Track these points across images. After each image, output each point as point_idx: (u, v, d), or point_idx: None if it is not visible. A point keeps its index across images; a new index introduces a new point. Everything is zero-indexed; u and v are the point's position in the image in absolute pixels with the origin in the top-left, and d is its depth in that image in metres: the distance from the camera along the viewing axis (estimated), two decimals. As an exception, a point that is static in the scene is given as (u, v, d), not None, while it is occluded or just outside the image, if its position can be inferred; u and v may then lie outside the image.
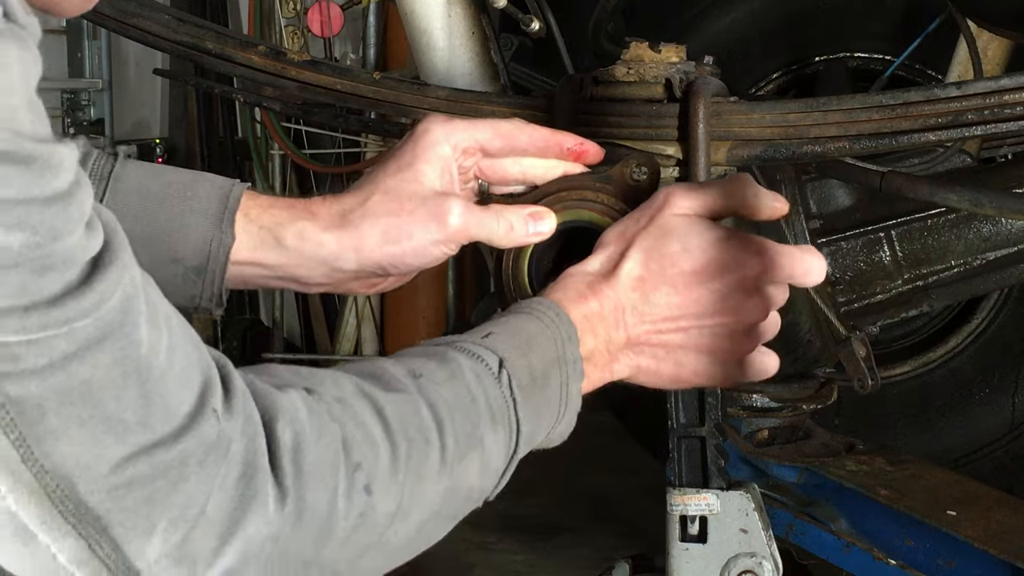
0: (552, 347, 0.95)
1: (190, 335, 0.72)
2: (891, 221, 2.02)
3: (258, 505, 0.72)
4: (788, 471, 1.78)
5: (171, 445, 0.68)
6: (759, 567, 1.25)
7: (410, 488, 0.82)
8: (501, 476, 0.91)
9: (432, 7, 1.61)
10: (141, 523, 0.67)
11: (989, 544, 1.58)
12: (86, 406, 0.65)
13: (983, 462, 2.33)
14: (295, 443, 0.75)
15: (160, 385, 0.68)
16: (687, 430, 1.27)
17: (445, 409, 0.85)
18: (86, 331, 0.64)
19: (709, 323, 1.01)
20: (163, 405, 0.68)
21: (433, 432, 0.84)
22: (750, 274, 1.01)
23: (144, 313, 0.68)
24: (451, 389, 0.87)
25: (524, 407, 0.91)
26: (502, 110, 1.39)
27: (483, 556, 2.58)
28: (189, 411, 0.69)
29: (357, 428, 0.79)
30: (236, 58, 1.46)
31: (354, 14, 3.41)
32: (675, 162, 1.22)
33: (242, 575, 0.72)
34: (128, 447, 0.66)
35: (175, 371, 0.69)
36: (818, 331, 1.78)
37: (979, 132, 1.25)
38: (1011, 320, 2.37)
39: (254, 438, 0.72)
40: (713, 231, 1.02)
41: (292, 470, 0.74)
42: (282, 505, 0.73)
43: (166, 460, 0.67)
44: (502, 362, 0.91)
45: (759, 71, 2.46)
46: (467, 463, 0.87)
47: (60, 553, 0.67)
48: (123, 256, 0.68)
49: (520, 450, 0.92)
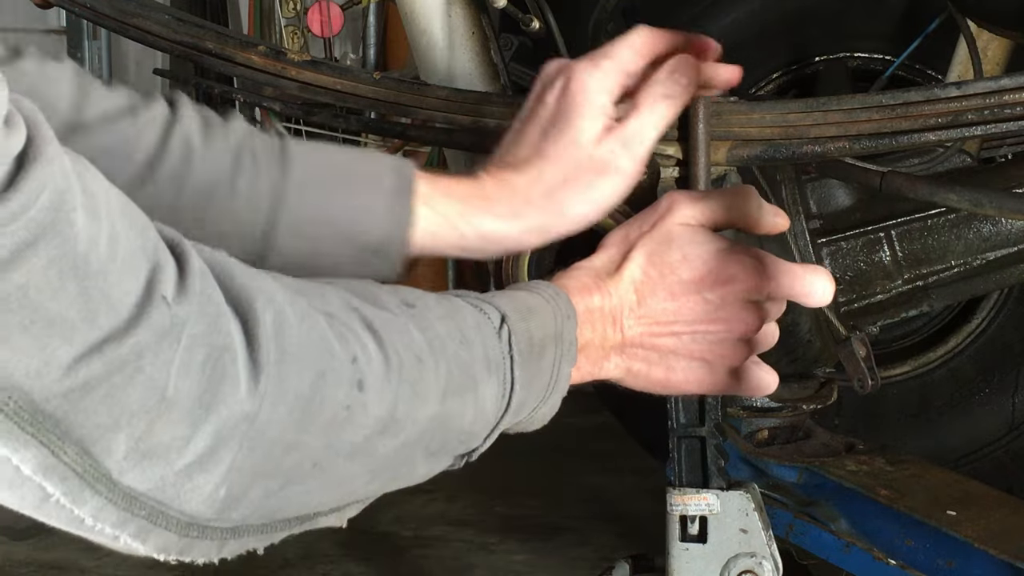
0: (552, 321, 0.94)
1: (134, 219, 0.68)
2: (891, 221, 2.02)
3: (228, 386, 0.68)
4: (788, 471, 1.78)
5: (122, 339, 0.64)
6: (759, 567, 1.25)
7: (405, 399, 0.79)
8: (487, 435, 0.89)
9: (432, 7, 1.61)
10: (102, 421, 0.64)
11: (989, 544, 1.57)
12: (26, 311, 0.61)
13: (983, 462, 2.33)
14: (276, 321, 0.71)
15: (101, 279, 0.64)
16: (687, 430, 1.27)
17: (438, 340, 0.83)
18: (16, 235, 0.61)
19: (701, 330, 1.01)
20: (106, 299, 0.64)
21: (427, 355, 0.81)
22: (747, 287, 1.02)
23: (80, 205, 0.64)
24: (447, 326, 0.85)
25: (520, 368, 0.89)
26: (502, 110, 1.39)
27: (484, 556, 2.58)
28: (136, 301, 0.65)
29: (348, 332, 0.77)
30: (236, 58, 1.46)
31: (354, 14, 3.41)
32: (675, 162, 1.22)
33: (217, 458, 0.69)
34: (76, 347, 0.63)
35: (117, 262, 0.65)
36: (818, 331, 1.77)
37: (979, 132, 1.25)
38: (1011, 320, 2.37)
39: (216, 318, 0.69)
40: (714, 242, 1.03)
41: (274, 348, 0.71)
42: (256, 383, 0.69)
43: (119, 355, 0.64)
44: (504, 318, 0.89)
45: (759, 71, 2.46)
46: (462, 400, 0.84)
47: (23, 464, 0.64)
48: (48, 149, 0.63)
49: (509, 412, 0.89)
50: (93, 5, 1.46)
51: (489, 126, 1.40)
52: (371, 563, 2.55)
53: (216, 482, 0.69)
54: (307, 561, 2.51)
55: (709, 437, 1.26)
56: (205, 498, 0.70)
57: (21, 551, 2.61)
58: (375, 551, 2.59)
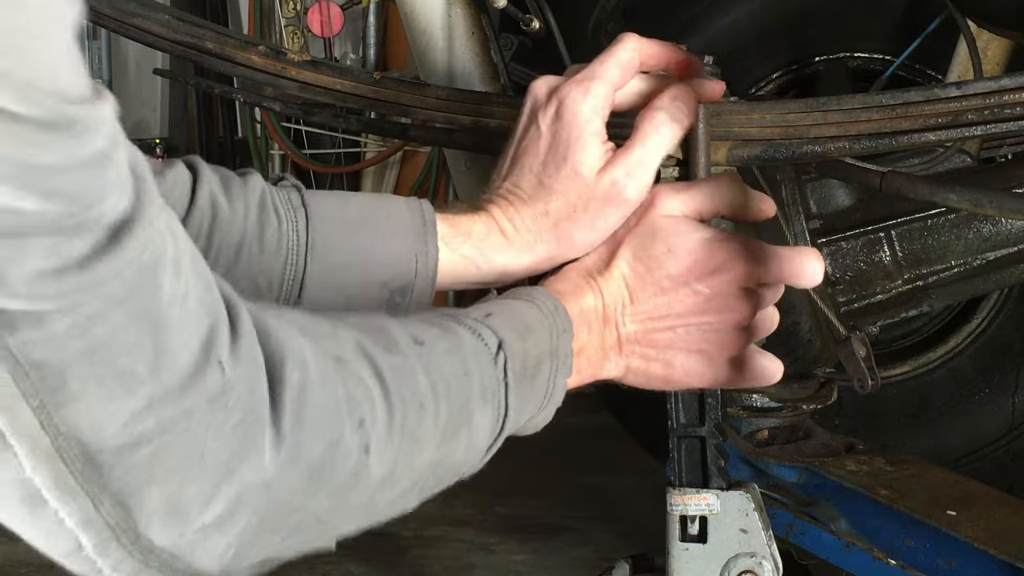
0: (547, 338, 0.95)
1: (204, 275, 0.69)
2: (891, 221, 2.03)
3: (255, 452, 0.70)
4: (788, 471, 1.78)
5: (177, 400, 0.65)
6: (759, 567, 1.25)
7: (404, 455, 0.81)
8: (482, 457, 0.91)
9: (432, 7, 1.61)
10: (142, 476, 0.65)
11: (989, 544, 1.57)
12: (105, 366, 0.63)
13: (983, 462, 2.33)
14: (301, 386, 0.73)
15: (175, 336, 0.65)
16: (687, 430, 1.27)
17: (442, 381, 0.84)
18: (113, 292, 0.62)
19: (695, 321, 1.01)
20: (173, 357, 0.65)
21: (429, 401, 0.83)
22: (736, 275, 1.02)
23: (170, 265, 0.65)
24: (450, 362, 0.86)
25: (514, 393, 0.90)
26: (502, 110, 1.39)
27: (484, 557, 2.58)
28: (195, 360, 0.66)
29: (357, 386, 0.78)
30: (236, 58, 1.46)
31: (354, 14, 3.41)
32: (675, 162, 1.22)
33: (233, 521, 0.70)
34: (138, 400, 0.64)
35: (188, 321, 0.66)
36: (818, 331, 1.78)
37: (979, 132, 1.25)
38: (1011, 320, 2.37)
39: (257, 384, 0.70)
40: (699, 232, 1.03)
41: (294, 414, 0.72)
42: (278, 452, 0.71)
43: (173, 415, 0.65)
44: (501, 344, 0.90)
45: (759, 71, 2.46)
46: (457, 438, 0.86)
47: (68, 517, 0.65)
48: (151, 209, 0.64)
49: (503, 434, 0.91)
50: (93, 5, 1.45)
51: (489, 126, 1.40)
52: (371, 563, 2.55)
53: (228, 542, 0.71)
54: (307, 561, 2.50)
55: (709, 437, 1.26)
56: (216, 557, 0.71)
57: (21, 551, 2.60)
58: (375, 551, 2.58)
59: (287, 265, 1.04)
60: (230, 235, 1.02)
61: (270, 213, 1.04)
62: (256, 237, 1.03)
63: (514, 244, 1.06)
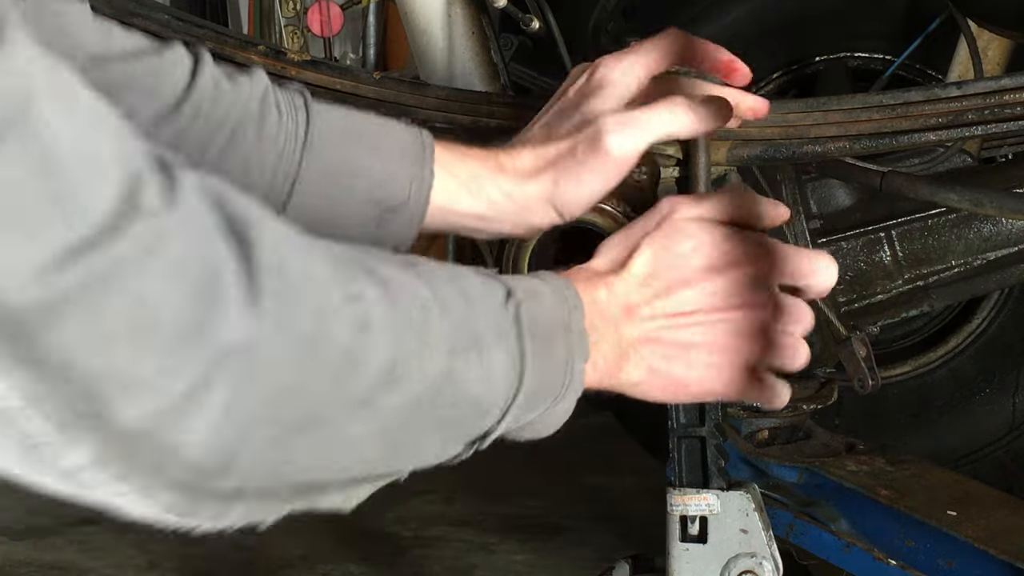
0: (558, 309, 0.91)
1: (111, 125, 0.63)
2: (891, 221, 2.02)
3: (220, 311, 0.63)
4: (788, 471, 1.78)
5: (99, 249, 0.59)
6: (759, 567, 1.25)
7: (410, 349, 0.74)
8: (500, 415, 0.85)
9: (432, 7, 1.61)
10: (82, 342, 0.59)
11: (989, 544, 1.57)
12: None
13: (983, 462, 2.33)
14: (276, 248, 0.66)
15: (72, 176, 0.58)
16: (687, 430, 1.27)
17: (440, 299, 0.78)
18: None
19: (723, 317, 1.00)
20: (80, 200, 0.59)
21: (432, 304, 0.77)
22: (758, 269, 1.01)
23: (49, 97, 0.59)
24: (450, 288, 0.81)
25: (530, 343, 0.85)
26: (502, 110, 1.39)
27: (484, 556, 2.58)
28: (113, 208, 0.60)
29: (348, 272, 0.72)
30: (236, 58, 1.46)
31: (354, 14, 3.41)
32: (675, 162, 1.22)
33: (210, 390, 0.63)
34: (46, 248, 0.58)
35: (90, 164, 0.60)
36: (818, 331, 1.77)
37: (979, 132, 1.25)
38: (1011, 320, 2.37)
39: (209, 237, 0.64)
40: (721, 228, 1.03)
41: (275, 275, 0.66)
42: (252, 310, 0.64)
43: (99, 267, 0.59)
44: (510, 292, 0.86)
45: (759, 71, 2.45)
46: (468, 358, 0.80)
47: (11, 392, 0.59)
48: (16, 34, 0.58)
49: (523, 391, 0.85)
50: (93, 5, 1.45)
51: (489, 126, 1.40)
52: (371, 563, 2.55)
53: (212, 420, 0.64)
54: (307, 561, 2.51)
55: (709, 437, 1.26)
56: (203, 440, 0.65)
57: (21, 551, 2.61)
58: (375, 551, 2.59)
59: (282, 158, 1.02)
60: (229, 117, 1.01)
61: (271, 106, 1.03)
62: (255, 123, 1.02)
63: (507, 174, 1.05)
